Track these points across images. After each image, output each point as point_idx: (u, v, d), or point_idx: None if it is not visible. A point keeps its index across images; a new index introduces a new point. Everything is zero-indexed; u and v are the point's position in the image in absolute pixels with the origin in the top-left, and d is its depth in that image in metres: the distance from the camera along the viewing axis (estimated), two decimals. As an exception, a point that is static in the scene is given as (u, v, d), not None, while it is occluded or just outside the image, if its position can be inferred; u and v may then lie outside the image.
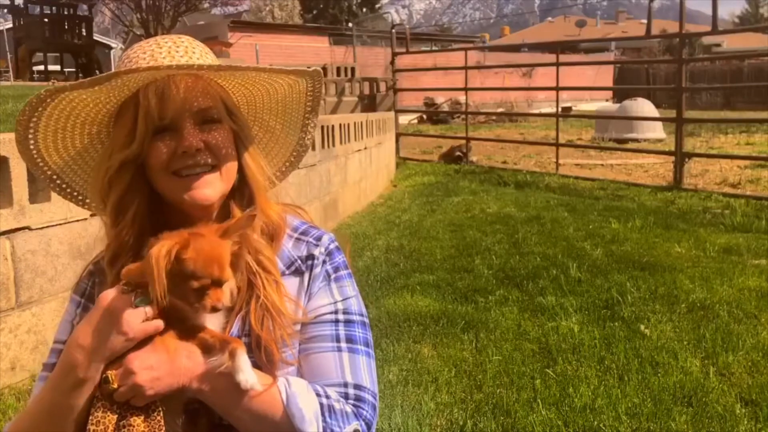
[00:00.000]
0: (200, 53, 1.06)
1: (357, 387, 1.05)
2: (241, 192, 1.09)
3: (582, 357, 3.29)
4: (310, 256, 1.12)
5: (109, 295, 0.95)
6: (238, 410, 0.97)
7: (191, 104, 1.02)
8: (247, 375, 0.96)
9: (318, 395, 1.01)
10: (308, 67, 1.15)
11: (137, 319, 0.93)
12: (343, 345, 1.07)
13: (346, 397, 1.04)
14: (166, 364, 0.93)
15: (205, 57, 1.07)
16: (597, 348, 3.39)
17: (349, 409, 1.02)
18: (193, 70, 1.01)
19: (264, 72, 1.07)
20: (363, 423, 1.03)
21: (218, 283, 0.94)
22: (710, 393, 2.87)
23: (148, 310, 0.93)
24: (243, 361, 0.96)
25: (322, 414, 0.99)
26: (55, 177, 1.11)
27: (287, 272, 1.11)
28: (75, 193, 1.14)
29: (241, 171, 1.09)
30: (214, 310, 0.95)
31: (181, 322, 0.97)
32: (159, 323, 0.94)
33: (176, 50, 1.04)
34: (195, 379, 0.95)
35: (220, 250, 0.95)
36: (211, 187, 1.04)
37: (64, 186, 1.12)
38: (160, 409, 0.94)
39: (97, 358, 0.92)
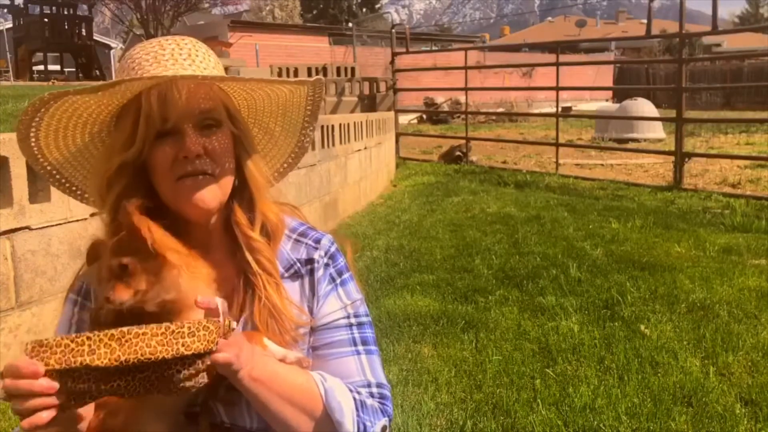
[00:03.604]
0: (203, 56, 1.07)
1: (379, 385, 1.11)
2: (242, 193, 1.11)
3: (582, 357, 3.29)
4: (310, 260, 1.13)
5: None
6: (281, 402, 0.98)
7: (193, 109, 1.02)
8: (285, 350, 1.03)
9: (350, 391, 1.05)
10: (308, 68, 1.16)
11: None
12: (360, 348, 1.12)
13: (371, 395, 1.09)
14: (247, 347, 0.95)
15: (208, 60, 1.07)
16: (597, 348, 3.39)
17: (377, 405, 1.08)
18: (196, 80, 1.02)
19: (267, 83, 1.08)
20: (388, 419, 1.09)
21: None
22: (710, 393, 2.87)
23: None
24: (271, 343, 1.03)
25: (356, 409, 1.04)
26: (54, 172, 1.12)
27: (286, 275, 1.12)
28: (74, 188, 1.15)
29: (242, 173, 1.10)
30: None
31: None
32: None
33: (180, 53, 1.04)
34: (253, 367, 0.95)
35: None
36: (210, 193, 1.04)
37: (63, 181, 1.14)
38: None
39: None
